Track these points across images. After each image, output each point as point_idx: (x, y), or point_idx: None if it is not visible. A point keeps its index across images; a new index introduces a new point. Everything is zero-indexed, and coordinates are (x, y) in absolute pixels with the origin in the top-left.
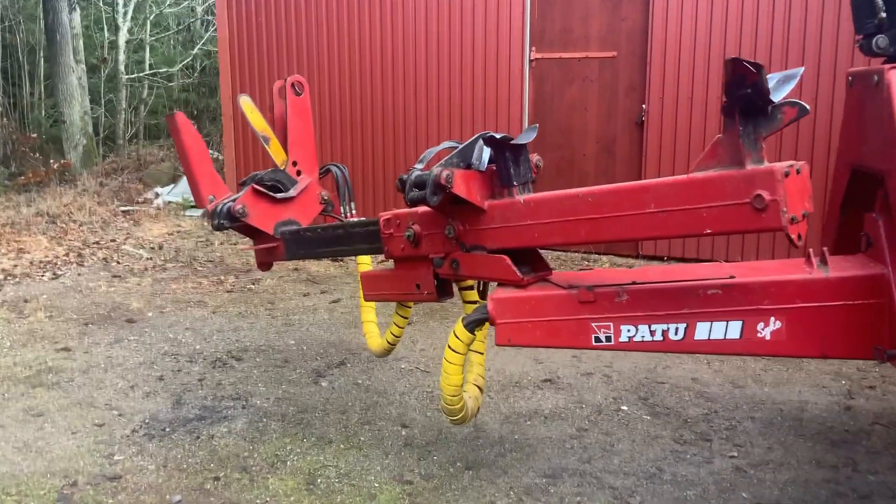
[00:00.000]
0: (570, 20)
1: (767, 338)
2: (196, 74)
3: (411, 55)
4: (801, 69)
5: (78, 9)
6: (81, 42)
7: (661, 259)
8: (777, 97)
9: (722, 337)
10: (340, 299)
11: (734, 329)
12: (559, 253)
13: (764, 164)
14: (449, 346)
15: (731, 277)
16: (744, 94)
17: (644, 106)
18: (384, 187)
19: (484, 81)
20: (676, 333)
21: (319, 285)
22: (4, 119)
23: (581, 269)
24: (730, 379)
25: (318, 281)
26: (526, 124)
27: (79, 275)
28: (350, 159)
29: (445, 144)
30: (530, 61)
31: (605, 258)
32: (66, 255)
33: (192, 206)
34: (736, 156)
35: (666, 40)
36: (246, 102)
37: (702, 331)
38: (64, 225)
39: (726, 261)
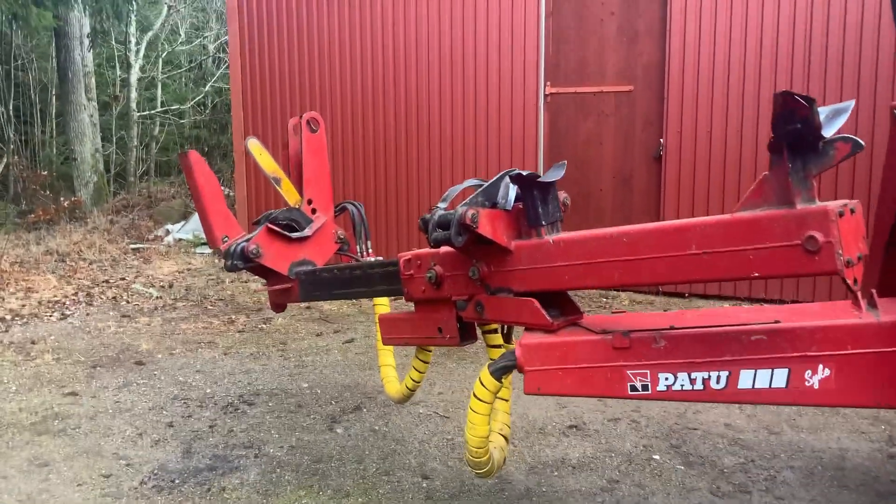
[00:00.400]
0: (586, 55)
1: (816, 386)
2: (207, 111)
3: (425, 91)
4: (852, 102)
5: (92, 48)
6: (94, 80)
7: (681, 296)
8: (828, 132)
9: (767, 386)
10: (354, 339)
11: (780, 377)
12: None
13: (816, 203)
14: (474, 395)
15: (776, 322)
16: (793, 130)
17: (662, 140)
18: (397, 225)
19: (499, 116)
20: (718, 382)
21: (332, 325)
22: (15, 157)
23: (603, 308)
24: (764, 424)
25: (331, 320)
26: (542, 159)
27: (87, 315)
28: (364, 197)
29: (469, 182)
30: (545, 96)
31: (623, 295)
32: (75, 294)
33: (203, 244)
34: (785, 194)
35: (683, 74)
36: (254, 145)
37: (745, 379)
38: (73, 263)
39: (751, 297)
